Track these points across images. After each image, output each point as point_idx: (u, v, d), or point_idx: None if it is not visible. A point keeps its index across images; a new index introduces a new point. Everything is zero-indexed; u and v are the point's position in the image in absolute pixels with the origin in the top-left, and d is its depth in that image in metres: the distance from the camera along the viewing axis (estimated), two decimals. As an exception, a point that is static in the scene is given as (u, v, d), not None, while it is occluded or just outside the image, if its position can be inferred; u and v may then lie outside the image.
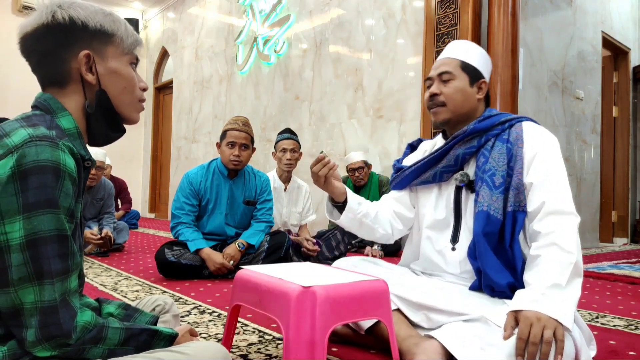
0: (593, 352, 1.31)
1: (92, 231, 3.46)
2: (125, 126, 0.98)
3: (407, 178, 1.55)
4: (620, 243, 5.60)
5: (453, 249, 1.43)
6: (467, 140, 1.43)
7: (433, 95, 1.47)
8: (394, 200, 1.62)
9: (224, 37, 6.67)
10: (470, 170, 1.43)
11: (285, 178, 3.37)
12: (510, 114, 1.46)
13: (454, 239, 1.44)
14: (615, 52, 5.77)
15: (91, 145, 0.94)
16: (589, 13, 4.97)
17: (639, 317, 1.96)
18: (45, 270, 0.75)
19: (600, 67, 5.26)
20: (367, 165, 3.93)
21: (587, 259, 3.88)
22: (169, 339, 0.92)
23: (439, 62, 1.52)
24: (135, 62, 0.96)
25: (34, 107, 0.88)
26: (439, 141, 1.58)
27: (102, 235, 3.45)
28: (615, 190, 5.80)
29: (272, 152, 3.35)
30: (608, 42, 5.42)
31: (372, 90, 4.49)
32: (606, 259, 3.91)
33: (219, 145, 2.77)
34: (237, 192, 2.81)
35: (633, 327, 1.77)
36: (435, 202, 1.49)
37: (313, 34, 5.20)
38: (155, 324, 0.99)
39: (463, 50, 1.52)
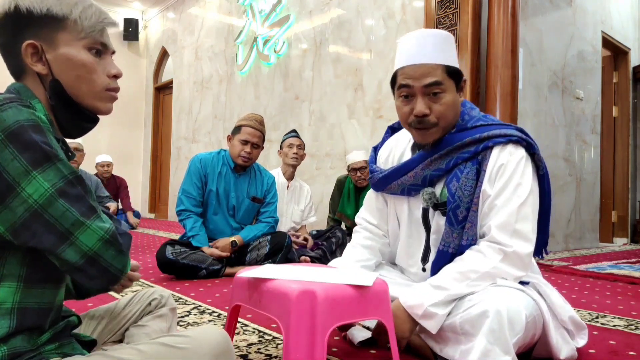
0: (583, 341, 1.34)
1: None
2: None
3: (378, 184, 1.48)
4: (620, 243, 5.59)
5: (423, 269, 1.42)
6: (435, 159, 1.33)
7: (422, 116, 1.28)
8: (373, 230, 1.58)
9: (223, 37, 6.67)
10: (438, 188, 1.35)
11: (289, 175, 3.43)
12: (487, 127, 1.32)
13: (424, 258, 1.42)
14: (615, 52, 5.76)
15: (66, 137, 0.90)
16: (589, 13, 4.97)
17: (639, 317, 1.96)
18: (87, 208, 0.75)
19: (600, 67, 5.25)
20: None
21: (587, 259, 3.88)
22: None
23: (417, 69, 1.27)
24: (96, 46, 0.87)
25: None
26: (408, 145, 1.47)
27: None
28: (615, 190, 5.80)
29: (278, 151, 3.45)
30: (608, 42, 5.41)
31: (372, 90, 4.49)
32: (606, 259, 3.91)
33: (229, 138, 2.82)
34: (243, 186, 2.84)
35: (633, 327, 1.77)
36: (408, 215, 1.44)
37: (313, 34, 5.20)
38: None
39: (438, 47, 1.28)
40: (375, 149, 1.58)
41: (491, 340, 1.08)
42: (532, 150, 1.31)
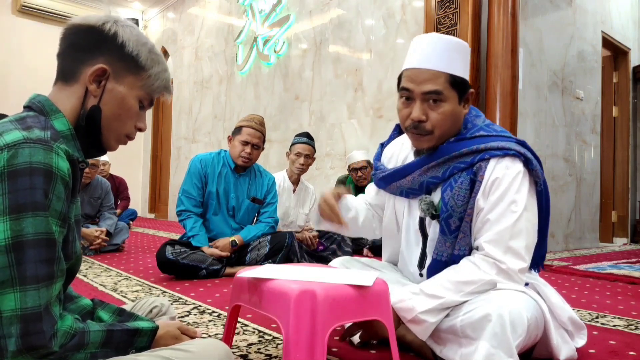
0: (582, 341, 1.34)
1: (95, 231, 3.46)
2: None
3: (379, 183, 1.49)
4: (620, 243, 5.59)
5: (421, 274, 1.42)
6: (432, 166, 1.31)
7: (418, 121, 1.27)
8: (372, 205, 1.60)
9: (223, 37, 6.67)
10: (436, 197, 1.35)
11: (295, 179, 3.45)
12: (486, 138, 1.29)
13: (421, 264, 1.42)
14: (615, 52, 5.76)
15: None
16: (589, 13, 4.97)
17: (639, 317, 1.95)
18: (29, 275, 0.72)
19: (600, 67, 5.25)
20: (370, 164, 3.91)
21: (587, 259, 3.88)
22: (151, 334, 0.91)
23: (420, 74, 1.25)
24: (146, 103, 0.95)
25: (27, 107, 0.88)
26: (412, 148, 1.46)
27: (101, 235, 3.46)
28: (615, 190, 5.80)
29: (287, 152, 3.45)
30: (608, 42, 5.41)
31: (372, 90, 4.49)
32: (606, 259, 3.91)
33: (230, 139, 2.82)
34: (243, 187, 2.85)
35: (633, 327, 1.77)
36: (407, 219, 1.45)
37: (313, 34, 5.20)
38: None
39: (447, 55, 1.26)
40: (382, 146, 1.58)
41: (494, 344, 1.08)
42: (530, 166, 1.27)
